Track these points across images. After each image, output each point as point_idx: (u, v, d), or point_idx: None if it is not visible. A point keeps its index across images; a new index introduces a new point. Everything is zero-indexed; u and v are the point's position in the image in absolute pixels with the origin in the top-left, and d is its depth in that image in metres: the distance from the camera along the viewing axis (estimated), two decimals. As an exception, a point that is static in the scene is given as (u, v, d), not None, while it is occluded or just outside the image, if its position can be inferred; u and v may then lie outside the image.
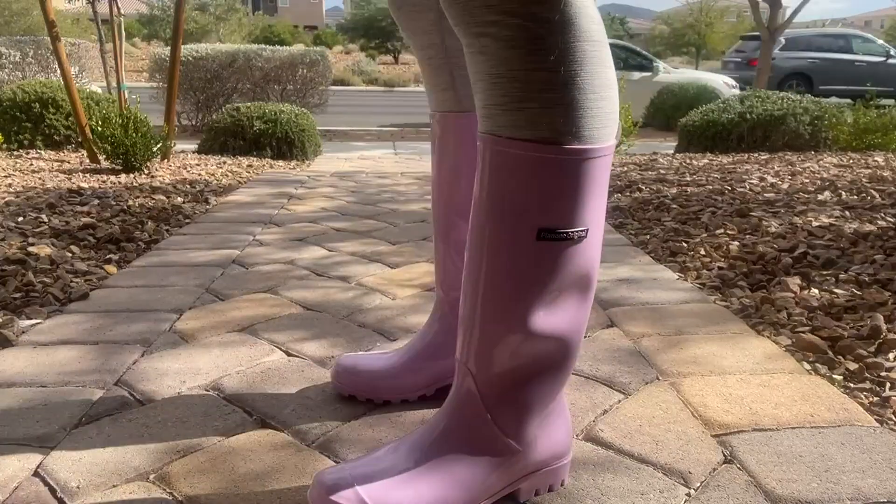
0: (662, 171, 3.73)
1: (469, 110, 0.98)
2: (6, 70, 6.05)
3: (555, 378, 0.80)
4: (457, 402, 0.80)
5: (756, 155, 4.67)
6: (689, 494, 0.85)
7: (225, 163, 4.22)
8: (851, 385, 1.16)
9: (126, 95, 4.08)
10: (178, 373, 1.20)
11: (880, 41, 12.66)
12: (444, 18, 0.96)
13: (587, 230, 0.72)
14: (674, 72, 9.99)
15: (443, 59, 0.98)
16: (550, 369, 0.79)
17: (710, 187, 3.07)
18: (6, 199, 2.70)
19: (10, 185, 3.08)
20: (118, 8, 4.25)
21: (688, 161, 4.32)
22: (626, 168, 3.98)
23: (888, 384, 1.15)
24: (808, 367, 1.23)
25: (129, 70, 16.62)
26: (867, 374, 1.20)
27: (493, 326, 0.76)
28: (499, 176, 0.71)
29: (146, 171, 3.63)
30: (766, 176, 3.43)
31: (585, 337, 1.36)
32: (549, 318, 0.75)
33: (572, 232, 0.71)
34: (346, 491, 0.74)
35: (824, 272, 1.75)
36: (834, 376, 1.20)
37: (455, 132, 0.99)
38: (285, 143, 4.76)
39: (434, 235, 1.07)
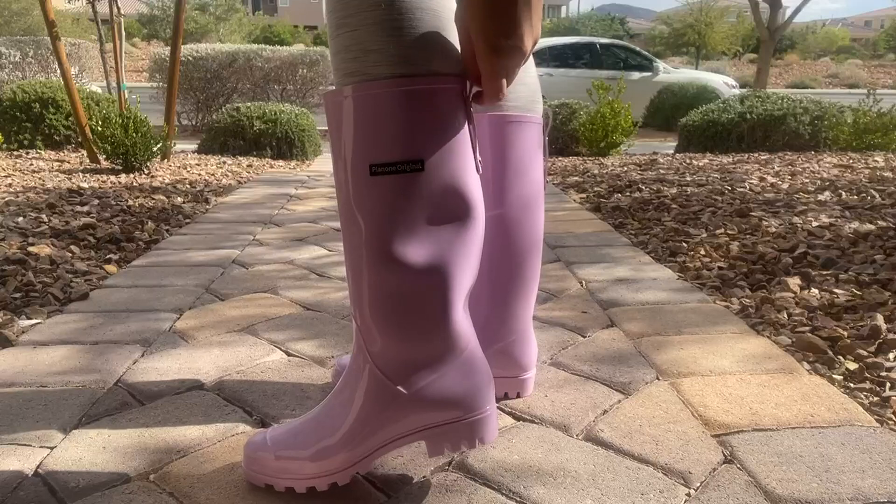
0: (662, 171, 3.73)
1: (478, 112, 0.98)
2: (6, 70, 6.05)
3: (425, 316, 0.77)
4: (352, 351, 0.83)
5: (756, 155, 4.67)
6: (689, 494, 0.85)
7: (225, 163, 4.23)
8: (851, 385, 1.16)
9: (126, 95, 4.08)
10: (178, 373, 1.20)
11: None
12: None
13: (422, 161, 0.73)
14: (674, 72, 9.99)
15: None
16: (416, 305, 0.77)
17: (710, 187, 3.07)
18: (6, 199, 2.70)
19: (10, 185, 3.08)
20: (118, 8, 4.25)
21: (688, 161, 4.32)
22: (626, 168, 3.98)
23: (888, 384, 1.15)
24: (808, 367, 1.23)
25: (129, 70, 16.63)
26: (867, 374, 1.19)
27: (359, 266, 0.77)
28: (333, 123, 0.76)
29: (146, 171, 3.63)
30: (766, 176, 3.43)
31: (585, 337, 1.36)
32: (407, 251, 0.75)
33: (403, 164, 0.72)
34: (257, 436, 0.88)
35: (824, 272, 1.75)
36: (834, 376, 1.19)
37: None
38: (285, 143, 4.76)
39: None
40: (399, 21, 0.71)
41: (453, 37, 0.75)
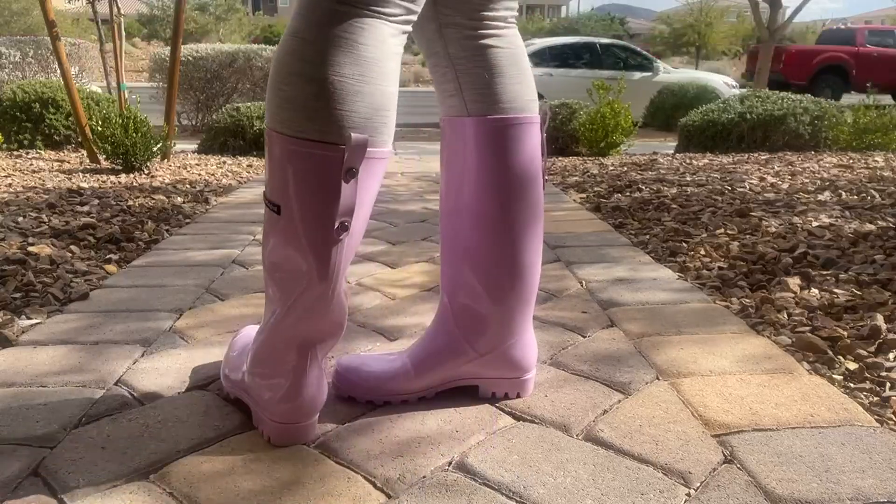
0: (662, 171, 3.73)
1: (474, 115, 0.98)
2: (6, 70, 6.04)
3: (275, 324, 0.93)
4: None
5: (756, 155, 4.67)
6: (689, 494, 0.85)
7: (225, 163, 4.23)
8: (851, 385, 1.16)
9: (126, 95, 4.08)
10: (178, 373, 1.20)
11: None
12: (444, 27, 0.97)
13: (279, 207, 0.86)
14: (674, 72, 9.99)
15: (447, 66, 0.99)
16: (279, 306, 0.92)
17: (710, 187, 3.07)
18: (6, 199, 2.70)
19: (10, 185, 3.08)
20: (118, 8, 4.25)
21: (688, 161, 4.32)
22: (626, 168, 3.98)
23: (888, 384, 1.15)
24: (808, 367, 1.23)
25: (129, 70, 16.61)
26: (867, 374, 1.20)
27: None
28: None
29: (146, 171, 3.62)
30: (766, 176, 3.43)
31: (585, 337, 1.36)
32: (272, 274, 0.92)
33: (269, 202, 0.87)
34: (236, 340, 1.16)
35: (824, 272, 1.75)
36: (834, 376, 1.20)
37: (462, 136, 0.99)
38: (285, 143, 4.75)
39: (440, 240, 1.07)
40: (285, 85, 0.82)
41: (344, 111, 0.82)
